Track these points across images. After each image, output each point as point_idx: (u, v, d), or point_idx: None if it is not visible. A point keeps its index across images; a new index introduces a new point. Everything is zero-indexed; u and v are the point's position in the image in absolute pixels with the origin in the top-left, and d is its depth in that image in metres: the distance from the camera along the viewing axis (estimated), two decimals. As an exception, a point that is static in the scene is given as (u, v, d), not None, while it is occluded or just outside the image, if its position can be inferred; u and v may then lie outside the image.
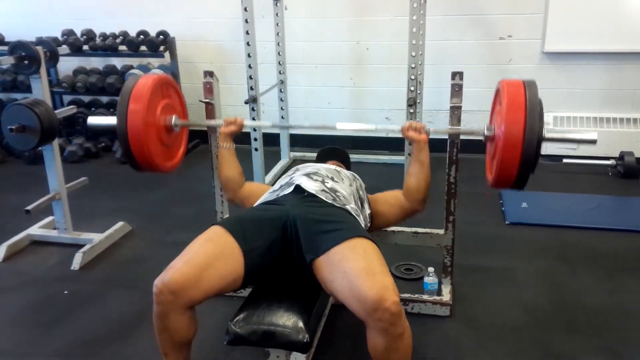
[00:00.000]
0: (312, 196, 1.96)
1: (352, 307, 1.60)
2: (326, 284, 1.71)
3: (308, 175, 2.08)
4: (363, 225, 2.03)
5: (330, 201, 1.95)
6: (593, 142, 1.90)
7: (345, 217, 1.89)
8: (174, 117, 2.17)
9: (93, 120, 2.23)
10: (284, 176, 2.25)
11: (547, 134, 1.79)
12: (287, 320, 1.69)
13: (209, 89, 2.43)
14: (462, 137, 2.29)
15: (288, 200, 1.95)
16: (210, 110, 2.45)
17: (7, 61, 2.74)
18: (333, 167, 2.26)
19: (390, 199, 2.26)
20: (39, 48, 2.82)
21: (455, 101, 2.22)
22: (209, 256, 1.71)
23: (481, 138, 2.01)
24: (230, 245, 1.75)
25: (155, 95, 2.06)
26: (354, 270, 1.61)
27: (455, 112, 2.22)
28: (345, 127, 2.26)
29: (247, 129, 2.40)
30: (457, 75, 2.22)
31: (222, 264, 1.71)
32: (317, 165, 2.24)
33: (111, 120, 2.08)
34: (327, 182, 2.06)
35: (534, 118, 1.73)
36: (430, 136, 2.15)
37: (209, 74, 2.43)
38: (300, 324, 1.68)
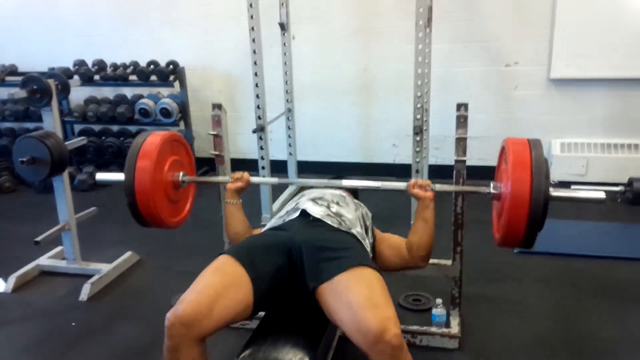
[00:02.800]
0: (318, 220, 1.98)
1: (354, 338, 1.60)
2: (329, 313, 1.72)
3: (313, 200, 2.10)
4: (369, 248, 2.04)
5: (335, 225, 1.97)
6: (601, 201, 1.88)
7: (351, 243, 1.90)
8: (181, 173, 2.18)
9: (101, 176, 2.28)
10: (290, 201, 2.26)
11: (554, 193, 1.78)
12: (293, 356, 1.68)
13: (217, 122, 2.46)
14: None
15: (294, 226, 1.97)
16: (218, 142, 2.47)
17: (20, 94, 2.79)
18: (339, 192, 2.27)
19: (395, 244, 2.20)
20: (51, 81, 2.88)
21: (460, 132, 2.23)
22: (219, 287, 1.72)
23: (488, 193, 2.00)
24: (239, 274, 1.76)
25: (164, 152, 2.08)
26: (357, 301, 1.61)
27: (461, 144, 2.23)
28: (351, 184, 2.25)
29: (254, 154, 2.40)
30: (462, 106, 2.23)
31: (233, 293, 1.72)
32: (323, 191, 2.25)
33: (119, 176, 2.09)
34: (333, 207, 2.07)
35: (540, 177, 1.72)
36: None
37: (217, 107, 2.46)
38: (307, 360, 1.67)
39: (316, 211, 2.01)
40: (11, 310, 2.89)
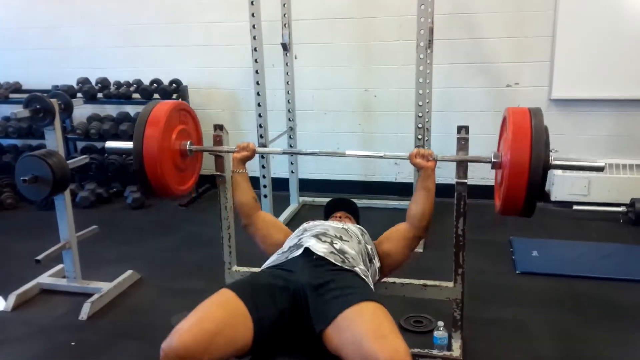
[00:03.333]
0: (321, 259, 1.95)
1: None
2: (337, 351, 1.67)
3: (317, 236, 2.07)
4: (372, 284, 2.02)
5: (339, 264, 1.94)
6: (600, 169, 1.90)
7: (354, 282, 1.88)
8: (188, 142, 2.25)
9: (110, 144, 2.31)
10: (292, 236, 2.24)
11: (553, 161, 1.79)
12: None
13: (218, 142, 2.47)
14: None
15: (297, 265, 1.94)
16: (220, 162, 2.48)
17: (23, 114, 2.81)
18: (341, 225, 2.25)
19: (394, 235, 2.27)
20: (54, 101, 2.90)
21: (461, 154, 2.24)
22: (219, 322, 1.67)
23: (488, 163, 2.06)
24: (241, 311, 1.72)
25: (172, 120, 2.14)
26: (363, 334, 1.58)
27: (462, 165, 2.24)
28: (354, 153, 2.34)
29: (255, 172, 2.42)
30: (463, 129, 2.24)
31: (232, 330, 1.68)
32: (326, 225, 2.23)
33: (127, 144, 2.13)
34: (336, 243, 2.05)
35: (539, 145, 1.74)
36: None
37: (219, 127, 2.47)
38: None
39: (319, 248, 1.99)
40: (11, 329, 2.88)
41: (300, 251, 2.00)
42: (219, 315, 1.70)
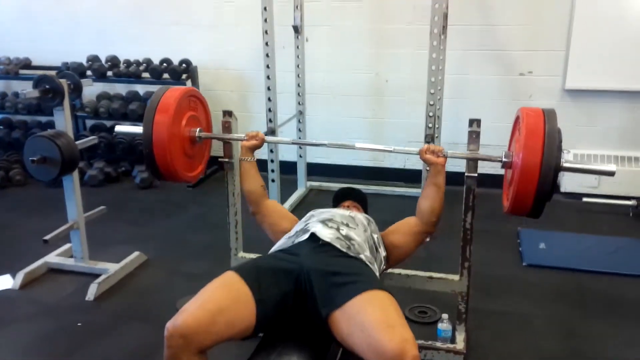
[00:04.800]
0: (327, 244, 1.96)
1: None
2: (343, 338, 1.69)
3: (323, 222, 2.08)
4: (377, 272, 2.03)
5: (344, 250, 1.95)
6: (611, 174, 1.87)
7: (359, 269, 1.88)
8: (198, 129, 2.24)
9: (120, 128, 2.32)
10: (300, 222, 2.25)
11: (564, 164, 1.77)
12: (297, 373, 1.67)
13: (227, 128, 2.45)
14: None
15: (303, 249, 1.95)
16: (227, 149, 2.46)
17: (32, 94, 2.80)
18: (348, 212, 2.25)
19: (402, 228, 2.27)
20: (63, 81, 2.88)
21: (472, 148, 2.21)
22: (222, 303, 1.71)
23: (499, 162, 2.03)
24: (244, 293, 1.75)
25: (182, 107, 2.13)
26: (372, 323, 1.59)
27: (472, 161, 2.21)
28: (364, 146, 2.31)
29: (263, 154, 2.41)
30: (474, 122, 2.21)
31: (234, 311, 1.71)
32: (333, 211, 2.23)
33: (137, 129, 2.13)
34: (342, 230, 2.05)
35: (552, 148, 1.72)
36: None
37: (228, 113, 2.45)
38: (310, 378, 1.66)
39: (326, 234, 1.99)
40: (18, 307, 2.91)
41: (306, 236, 2.01)
42: (222, 297, 1.73)
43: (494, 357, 2.45)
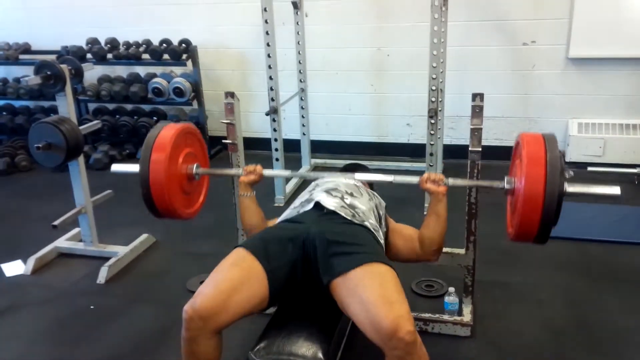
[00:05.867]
0: (332, 213, 1.99)
1: (368, 333, 1.63)
2: (343, 307, 1.75)
3: (327, 191, 2.11)
4: (382, 239, 2.05)
5: (349, 217, 1.98)
6: (616, 197, 1.85)
7: (364, 238, 1.91)
8: (195, 165, 2.18)
9: (116, 167, 2.29)
10: (304, 191, 2.27)
11: (568, 189, 1.76)
12: (306, 351, 1.71)
13: (230, 110, 2.45)
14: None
15: (308, 218, 1.99)
16: (231, 130, 2.47)
17: (34, 81, 2.80)
18: (352, 182, 2.26)
19: (407, 236, 2.22)
20: (64, 67, 2.87)
21: (475, 123, 2.20)
22: (236, 281, 1.76)
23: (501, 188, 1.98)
24: (255, 268, 1.80)
25: (178, 144, 2.08)
26: (371, 298, 1.64)
27: (476, 134, 2.21)
28: (363, 177, 2.24)
29: (267, 134, 2.39)
30: (477, 96, 2.20)
31: (248, 288, 1.76)
32: (337, 181, 2.24)
33: (134, 167, 2.10)
34: (346, 198, 2.08)
35: (554, 174, 1.70)
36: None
37: (230, 95, 2.44)
38: (320, 354, 1.70)
39: (330, 203, 2.02)
40: (31, 293, 2.96)
41: (311, 205, 2.05)
42: (235, 275, 1.78)
43: (500, 327, 2.48)
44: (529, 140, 1.81)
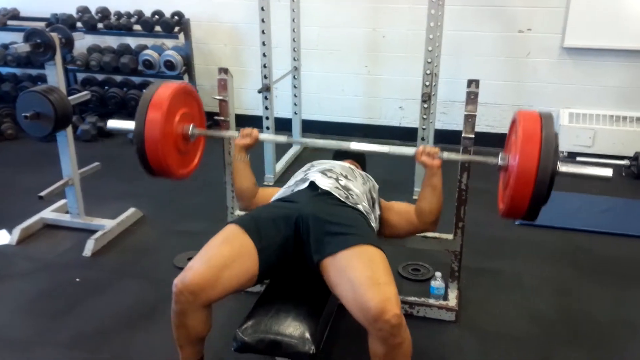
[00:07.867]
0: (326, 193, 2.00)
1: (355, 314, 1.65)
2: (331, 287, 1.77)
3: (323, 172, 2.12)
4: (375, 223, 2.07)
5: (342, 199, 2.00)
6: (608, 179, 1.87)
7: (356, 220, 1.92)
8: (191, 126, 2.17)
9: (112, 124, 2.26)
10: (299, 171, 2.29)
11: (561, 169, 1.76)
12: (294, 330, 1.71)
13: (223, 86, 2.42)
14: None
15: (302, 197, 2.00)
16: (224, 107, 2.44)
17: (23, 49, 2.73)
18: (347, 165, 2.29)
19: (402, 211, 2.27)
20: (55, 35, 2.81)
21: (470, 109, 2.20)
22: (226, 257, 1.77)
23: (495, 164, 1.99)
24: (246, 244, 1.81)
25: (175, 103, 2.06)
26: (359, 279, 1.65)
27: (470, 121, 2.20)
28: (359, 147, 2.22)
29: (259, 111, 2.38)
30: (473, 83, 2.19)
31: (239, 264, 1.78)
32: (332, 163, 2.28)
33: (129, 125, 2.08)
34: (341, 180, 2.10)
35: (548, 152, 1.70)
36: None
37: (224, 70, 2.41)
38: (307, 335, 1.71)
39: (325, 183, 2.04)
40: (16, 263, 2.93)
41: (305, 185, 2.06)
42: (226, 251, 1.79)
43: (485, 314, 2.50)
44: (525, 116, 1.82)
